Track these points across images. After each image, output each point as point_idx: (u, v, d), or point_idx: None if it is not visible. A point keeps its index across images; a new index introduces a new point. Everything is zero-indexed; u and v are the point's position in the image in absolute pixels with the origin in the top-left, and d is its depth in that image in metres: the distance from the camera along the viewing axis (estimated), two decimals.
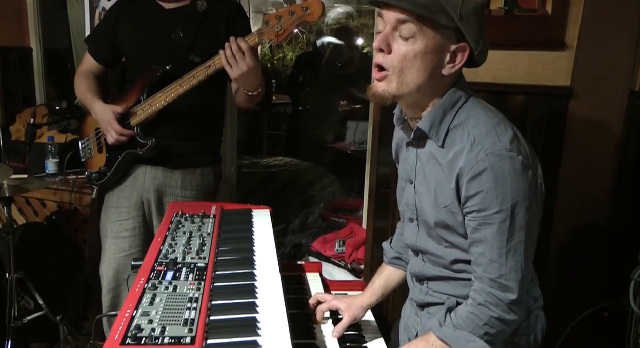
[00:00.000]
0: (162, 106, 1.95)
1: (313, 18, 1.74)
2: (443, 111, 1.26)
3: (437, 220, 1.31)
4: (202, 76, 1.87)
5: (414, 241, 1.42)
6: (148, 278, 1.28)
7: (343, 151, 4.35)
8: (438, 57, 1.21)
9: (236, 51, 1.76)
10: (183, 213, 1.69)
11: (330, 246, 2.62)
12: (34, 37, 3.52)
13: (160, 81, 1.96)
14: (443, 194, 1.27)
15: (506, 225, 1.19)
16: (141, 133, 2.00)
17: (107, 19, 2.23)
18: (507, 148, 1.19)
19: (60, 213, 3.07)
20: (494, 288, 1.23)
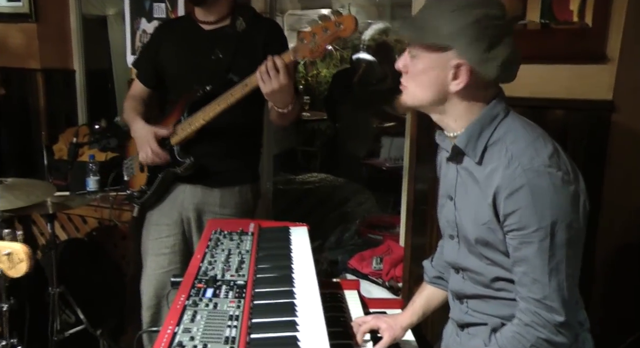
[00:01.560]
0: (201, 125, 1.97)
1: (346, 33, 1.74)
2: (480, 127, 1.25)
3: (477, 237, 1.29)
4: (238, 95, 1.89)
5: (455, 258, 1.40)
6: (189, 295, 1.29)
7: (378, 167, 4.33)
8: (441, 74, 1.22)
9: (270, 68, 1.77)
10: (222, 231, 1.70)
11: (367, 263, 2.60)
12: (77, 60, 3.64)
13: (201, 101, 1.99)
14: (482, 211, 1.25)
15: (546, 243, 1.16)
16: (180, 151, 2.03)
17: (150, 43, 2.29)
18: (545, 163, 1.16)
19: (101, 229, 3.14)
20: (539, 309, 1.19)
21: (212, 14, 2.07)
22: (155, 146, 2.01)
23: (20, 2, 3.37)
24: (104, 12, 3.94)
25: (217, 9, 2.07)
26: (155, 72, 2.21)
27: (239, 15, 2.09)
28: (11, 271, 1.19)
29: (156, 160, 2.03)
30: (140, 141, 2.07)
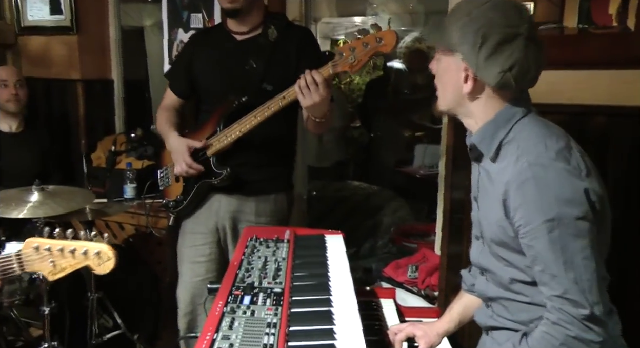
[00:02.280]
0: (237, 137, 1.99)
1: (387, 49, 1.75)
2: (495, 125, 1.28)
3: (492, 237, 1.30)
4: (276, 108, 1.91)
5: (478, 258, 1.41)
6: (227, 302, 1.30)
7: (412, 174, 4.30)
8: (455, 76, 1.28)
9: (310, 82, 1.79)
10: (258, 238, 1.71)
11: (402, 271, 2.57)
12: (115, 70, 3.73)
13: (237, 112, 2.01)
14: (495, 209, 1.26)
15: (555, 235, 1.15)
16: (216, 162, 2.05)
17: (183, 54, 2.32)
18: (552, 157, 1.17)
19: (137, 235, 3.19)
20: (564, 305, 1.17)
21: (246, 24, 2.09)
22: (188, 160, 2.04)
23: (62, 16, 3.48)
24: (141, 24, 4.03)
25: (250, 19, 2.09)
26: (188, 83, 2.23)
27: (271, 24, 2.10)
28: (98, 269, 1.28)
29: (190, 172, 2.05)
30: (175, 154, 2.10)
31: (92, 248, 1.26)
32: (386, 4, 5.14)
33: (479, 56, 1.22)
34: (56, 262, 1.27)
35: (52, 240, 1.27)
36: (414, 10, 5.14)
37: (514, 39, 1.21)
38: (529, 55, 1.22)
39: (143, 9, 3.99)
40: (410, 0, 5.07)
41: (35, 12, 3.56)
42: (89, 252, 1.26)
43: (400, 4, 5.16)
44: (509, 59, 1.21)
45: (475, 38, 1.21)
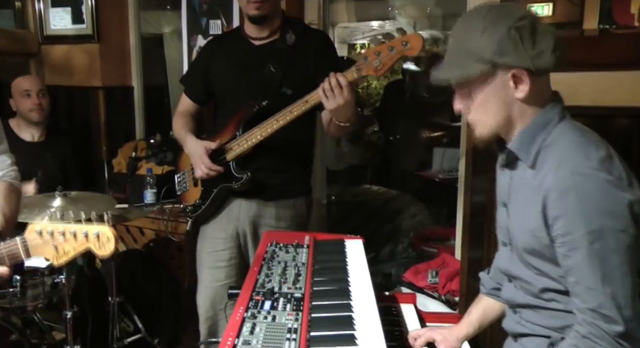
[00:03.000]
0: (258, 141, 1.99)
1: (413, 52, 1.74)
2: (533, 131, 1.25)
3: (525, 245, 1.27)
4: (299, 111, 1.91)
5: (507, 266, 1.38)
6: (247, 307, 1.30)
7: (431, 178, 4.27)
8: (503, 91, 1.23)
9: (335, 85, 1.79)
10: (277, 243, 1.71)
11: (422, 276, 2.55)
12: (135, 77, 3.78)
13: (256, 116, 2.01)
14: (530, 217, 1.23)
15: (596, 247, 1.12)
16: (236, 167, 2.06)
17: (199, 60, 2.33)
18: (594, 167, 1.14)
19: (158, 240, 3.22)
20: (596, 319, 1.14)
21: (265, 29, 2.10)
22: (207, 161, 2.05)
23: (84, 25, 3.53)
24: (160, 31, 4.07)
25: (270, 25, 2.10)
26: (204, 88, 2.24)
27: (289, 28, 2.11)
28: (100, 251, 1.25)
29: (211, 174, 2.06)
30: (194, 157, 2.11)
31: (92, 229, 1.24)
32: (404, 8, 5.13)
33: (527, 49, 1.19)
34: (59, 246, 1.26)
35: (54, 224, 1.26)
36: (431, 14, 5.12)
37: (534, 23, 1.21)
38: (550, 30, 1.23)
39: (162, 16, 4.03)
40: (427, 4, 5.06)
41: (57, 21, 3.62)
42: (89, 234, 1.24)
43: (417, 8, 5.15)
44: (549, 38, 1.20)
45: (513, 38, 1.19)
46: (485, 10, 1.24)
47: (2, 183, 1.45)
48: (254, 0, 2.00)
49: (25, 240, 1.27)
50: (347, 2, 5.05)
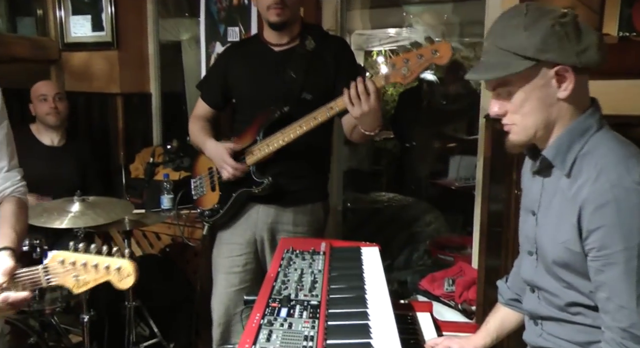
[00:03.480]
0: (280, 146, 1.99)
1: (443, 61, 1.73)
2: (570, 138, 1.21)
3: (555, 258, 1.24)
4: (323, 118, 1.91)
5: (531, 276, 1.35)
6: (264, 314, 1.30)
7: (447, 186, 4.25)
8: (545, 90, 1.21)
9: (362, 92, 1.77)
10: (294, 250, 1.71)
11: (438, 284, 2.53)
12: (153, 83, 3.82)
13: (276, 122, 2.02)
14: (563, 228, 1.20)
15: (634, 265, 1.09)
16: (256, 171, 2.06)
17: (217, 65, 2.34)
18: (636, 181, 1.11)
19: (174, 246, 3.24)
20: (626, 339, 1.11)
21: (285, 36, 2.11)
22: (231, 161, 2.05)
23: (104, 32, 3.59)
24: (178, 38, 4.11)
25: (290, 31, 2.11)
26: (222, 94, 2.25)
27: (308, 34, 2.12)
28: (119, 284, 1.28)
29: (237, 174, 2.06)
30: (216, 159, 2.11)
31: (113, 263, 1.28)
32: (421, 16, 5.13)
33: (572, 45, 1.16)
34: (80, 276, 1.29)
35: (77, 254, 1.30)
36: (448, 21, 5.11)
37: (576, 20, 1.19)
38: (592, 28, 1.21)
39: (180, 23, 4.08)
40: (444, 11, 5.05)
41: (78, 28, 3.68)
42: (110, 267, 1.28)
43: (434, 15, 5.14)
44: (592, 35, 1.19)
45: (557, 34, 1.16)
46: (525, 8, 1.21)
47: (13, 199, 1.46)
48: (275, 6, 2.01)
49: (47, 267, 1.30)
50: (363, 9, 5.06)
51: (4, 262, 1.29)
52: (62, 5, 3.69)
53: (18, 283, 1.29)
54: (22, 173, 1.53)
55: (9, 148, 1.49)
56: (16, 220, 1.42)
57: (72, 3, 3.67)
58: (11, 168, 1.49)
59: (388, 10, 5.31)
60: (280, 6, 2.01)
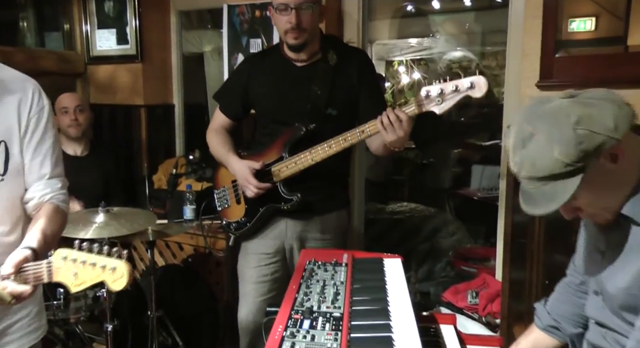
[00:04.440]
0: (309, 165, 2.01)
1: (477, 95, 1.74)
2: None
3: (620, 302, 1.20)
4: (354, 140, 1.93)
5: (598, 316, 1.31)
6: (286, 326, 1.30)
7: (469, 197, 4.21)
8: (602, 176, 1.14)
9: (394, 121, 1.81)
10: (316, 261, 1.71)
11: (462, 297, 2.50)
12: (176, 95, 3.87)
13: (303, 138, 2.04)
14: (629, 274, 1.16)
15: None
16: (284, 188, 2.08)
17: (237, 76, 2.32)
18: None
19: (196, 256, 3.25)
20: None
21: (305, 54, 2.11)
22: (254, 181, 2.07)
23: (128, 45, 3.65)
24: (201, 50, 4.16)
25: (309, 50, 2.10)
26: (242, 106, 2.26)
27: (329, 48, 2.12)
28: (112, 285, 1.28)
29: (260, 192, 2.08)
30: (240, 179, 2.13)
31: (109, 263, 1.27)
32: (442, 25, 5.12)
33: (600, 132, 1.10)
34: (78, 274, 1.29)
35: (79, 252, 1.30)
36: (470, 30, 5.09)
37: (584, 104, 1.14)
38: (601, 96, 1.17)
39: (203, 35, 4.13)
40: (467, 20, 5.03)
41: (103, 42, 3.75)
42: (106, 267, 1.27)
43: (456, 25, 5.13)
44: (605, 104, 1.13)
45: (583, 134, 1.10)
46: (529, 130, 1.15)
47: (49, 205, 1.49)
48: (292, 31, 2.02)
49: (50, 263, 1.31)
50: (384, 19, 5.07)
51: (17, 255, 1.31)
52: (88, 20, 3.76)
53: (22, 276, 1.31)
54: (64, 183, 1.57)
55: (54, 156, 1.53)
56: (48, 223, 1.43)
57: (97, 17, 3.74)
58: (53, 176, 1.52)
59: (409, 20, 5.32)
60: (297, 30, 2.02)
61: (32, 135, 1.48)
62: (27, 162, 1.48)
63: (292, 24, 2.00)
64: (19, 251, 1.33)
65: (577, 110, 1.12)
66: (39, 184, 1.50)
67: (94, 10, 3.73)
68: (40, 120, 1.49)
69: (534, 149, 1.14)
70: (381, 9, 4.85)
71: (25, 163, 1.48)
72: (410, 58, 6.19)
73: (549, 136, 1.12)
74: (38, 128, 1.49)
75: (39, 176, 1.50)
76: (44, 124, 1.50)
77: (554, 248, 2.10)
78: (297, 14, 1.99)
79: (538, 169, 1.14)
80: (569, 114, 1.11)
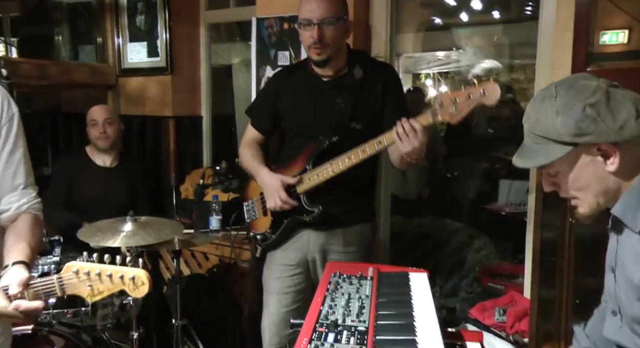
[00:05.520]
0: (329, 177, 2.02)
1: (490, 102, 1.74)
2: (638, 194, 1.19)
3: (633, 315, 1.19)
4: (371, 151, 1.94)
5: (616, 337, 1.28)
6: (311, 339, 1.29)
7: (496, 212, 4.14)
8: (593, 166, 1.20)
9: (409, 130, 1.82)
10: (341, 274, 1.70)
11: (489, 314, 2.45)
12: (204, 106, 3.93)
13: (325, 151, 2.05)
14: (635, 284, 1.15)
15: None
16: (307, 200, 2.09)
17: (266, 92, 2.38)
18: None
19: (221, 266, 3.27)
20: None
21: (330, 69, 2.14)
22: (284, 195, 2.08)
23: (158, 58, 3.72)
24: (229, 62, 4.22)
25: (334, 65, 2.13)
26: (272, 121, 2.29)
27: (356, 62, 2.14)
28: (133, 293, 1.30)
29: (285, 207, 2.10)
30: (269, 190, 2.14)
31: (127, 272, 1.29)
32: (470, 38, 5.10)
33: (607, 124, 1.16)
34: (94, 286, 1.30)
35: (91, 264, 1.31)
36: (498, 43, 5.06)
37: (608, 94, 1.18)
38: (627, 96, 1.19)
39: (232, 48, 4.19)
40: (494, 33, 5.00)
41: (134, 55, 3.84)
42: (124, 277, 1.29)
43: (484, 37, 5.10)
44: (628, 106, 1.17)
45: (589, 116, 1.16)
46: (555, 90, 1.22)
47: (28, 215, 1.48)
48: (315, 46, 2.04)
49: (61, 277, 1.32)
50: (412, 33, 5.07)
51: (18, 273, 1.31)
52: (120, 33, 3.86)
53: (32, 292, 1.31)
54: (37, 190, 1.55)
55: (26, 166, 1.50)
56: (32, 235, 1.44)
57: (129, 31, 3.83)
58: (27, 185, 1.50)
59: (437, 33, 5.31)
60: (319, 46, 2.04)
61: (4, 145, 1.43)
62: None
63: (314, 39, 2.02)
64: (17, 270, 1.31)
65: (599, 96, 1.17)
66: (14, 195, 1.47)
67: (126, 24, 3.83)
68: (10, 129, 1.44)
69: (546, 109, 1.22)
70: (408, 22, 4.86)
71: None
72: (437, 71, 6.17)
73: (563, 103, 1.19)
74: (9, 138, 1.44)
75: (12, 187, 1.46)
76: (15, 133, 1.45)
77: (585, 267, 2.05)
78: (320, 30, 2.02)
79: (538, 126, 1.23)
80: (590, 95, 1.17)
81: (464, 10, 4.95)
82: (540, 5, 2.36)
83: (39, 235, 1.49)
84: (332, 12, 2.04)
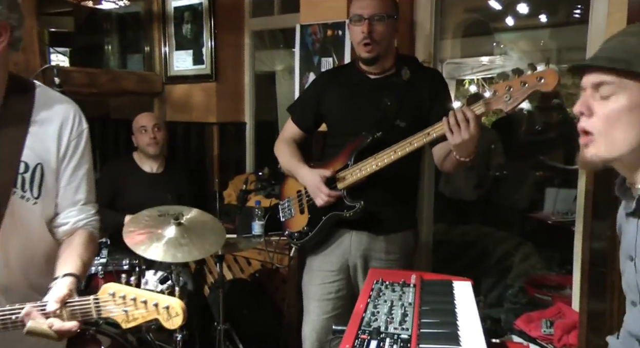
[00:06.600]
0: (372, 171, 2.00)
1: (549, 88, 1.66)
2: None
3: None
4: (419, 143, 1.90)
5: (638, 330, 1.23)
6: (353, 346, 1.28)
7: (542, 220, 4.04)
8: (628, 109, 1.07)
9: (461, 120, 1.76)
10: (383, 281, 1.68)
11: (535, 326, 2.39)
12: (248, 113, 3.98)
13: (368, 148, 2.03)
14: None
15: None
16: (348, 196, 2.07)
17: (312, 90, 2.38)
18: None
19: (263, 271, 3.30)
20: None
21: (378, 68, 2.14)
22: (325, 189, 2.07)
23: (204, 65, 3.80)
24: (272, 69, 4.27)
25: (382, 64, 2.13)
26: (313, 117, 2.29)
27: (404, 64, 2.14)
28: (166, 323, 1.25)
29: (331, 201, 2.08)
30: (311, 186, 2.14)
31: (162, 301, 1.24)
32: (515, 43, 5.00)
33: None
34: (129, 311, 1.27)
35: (128, 288, 1.28)
36: (545, 47, 4.94)
37: None
38: None
39: (275, 55, 4.23)
40: (541, 37, 4.89)
41: (180, 63, 3.93)
42: (159, 305, 1.24)
43: (530, 42, 4.99)
44: None
45: None
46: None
47: (85, 231, 1.49)
48: (364, 42, 2.05)
49: (98, 299, 1.29)
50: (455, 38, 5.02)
51: (59, 289, 1.28)
52: (167, 42, 3.96)
53: (69, 311, 1.27)
54: (96, 208, 1.56)
55: (89, 183, 1.52)
56: (84, 250, 1.43)
57: (176, 39, 3.93)
58: (88, 202, 1.52)
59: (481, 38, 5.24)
60: (368, 42, 2.04)
61: (70, 160, 1.45)
62: (62, 186, 1.45)
63: (365, 34, 2.02)
64: (61, 284, 1.30)
65: None
66: (73, 210, 1.48)
67: (173, 33, 3.93)
68: (79, 144, 1.47)
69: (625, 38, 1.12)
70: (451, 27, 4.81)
71: (60, 187, 1.45)
72: (481, 77, 6.07)
73: None
74: (76, 153, 1.46)
75: (72, 201, 1.48)
76: (82, 148, 1.48)
77: None
78: (370, 25, 2.03)
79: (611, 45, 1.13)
80: None
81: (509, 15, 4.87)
82: (590, 9, 2.29)
83: (93, 252, 1.49)
84: (382, 8, 2.05)
